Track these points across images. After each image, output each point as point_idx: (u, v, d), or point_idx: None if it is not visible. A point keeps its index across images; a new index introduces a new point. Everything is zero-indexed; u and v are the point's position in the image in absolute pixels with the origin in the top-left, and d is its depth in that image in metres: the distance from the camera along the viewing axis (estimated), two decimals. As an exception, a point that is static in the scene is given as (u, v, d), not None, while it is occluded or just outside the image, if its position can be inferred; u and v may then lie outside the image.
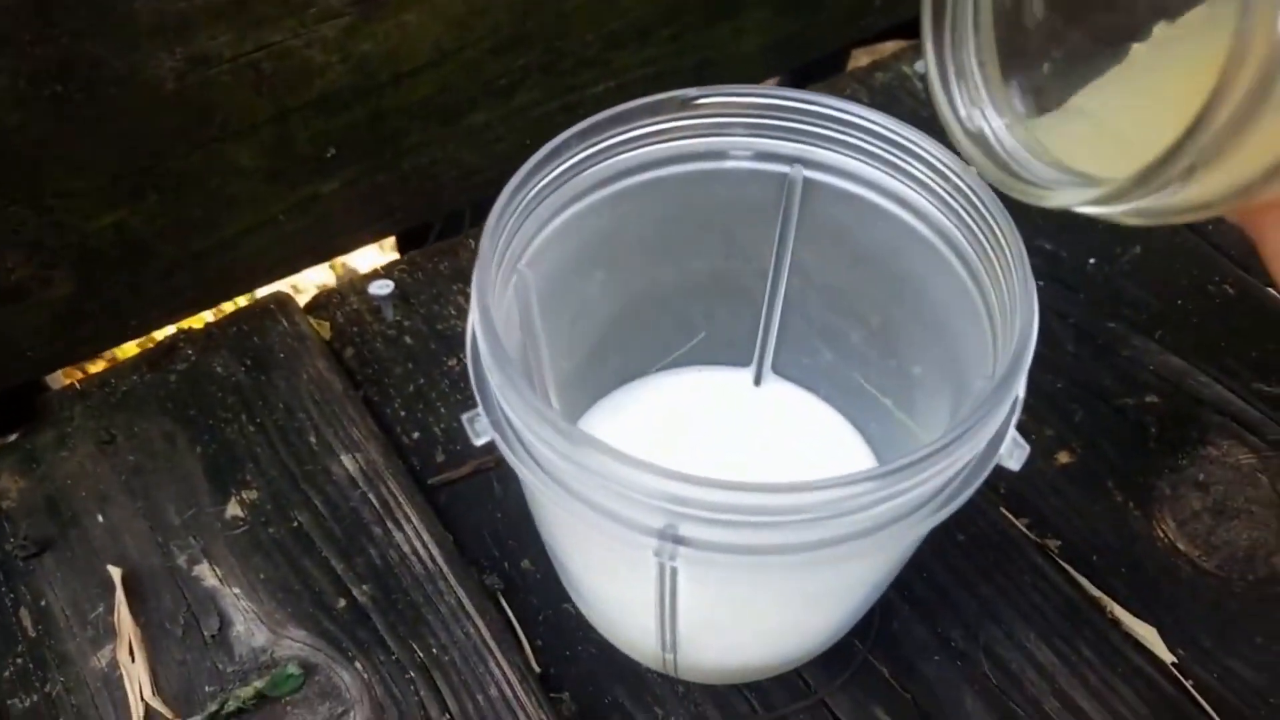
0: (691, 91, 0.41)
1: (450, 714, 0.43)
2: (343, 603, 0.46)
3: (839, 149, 0.42)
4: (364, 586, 0.46)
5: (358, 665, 0.44)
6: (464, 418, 0.34)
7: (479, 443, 0.34)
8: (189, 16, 0.45)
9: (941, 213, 0.40)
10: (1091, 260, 0.60)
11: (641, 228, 0.43)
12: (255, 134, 0.48)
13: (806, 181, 0.43)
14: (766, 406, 0.50)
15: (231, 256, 0.52)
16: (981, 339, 0.38)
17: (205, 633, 0.46)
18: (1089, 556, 0.49)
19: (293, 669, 0.44)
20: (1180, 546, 0.49)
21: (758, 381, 0.50)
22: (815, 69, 0.71)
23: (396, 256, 0.61)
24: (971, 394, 0.37)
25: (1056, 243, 0.60)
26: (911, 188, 0.40)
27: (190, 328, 0.55)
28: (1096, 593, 0.48)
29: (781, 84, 0.80)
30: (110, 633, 0.46)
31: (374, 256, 0.87)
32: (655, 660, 0.44)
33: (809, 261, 0.45)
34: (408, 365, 0.55)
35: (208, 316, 0.56)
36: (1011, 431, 0.34)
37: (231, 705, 0.43)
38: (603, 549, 0.38)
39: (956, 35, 0.36)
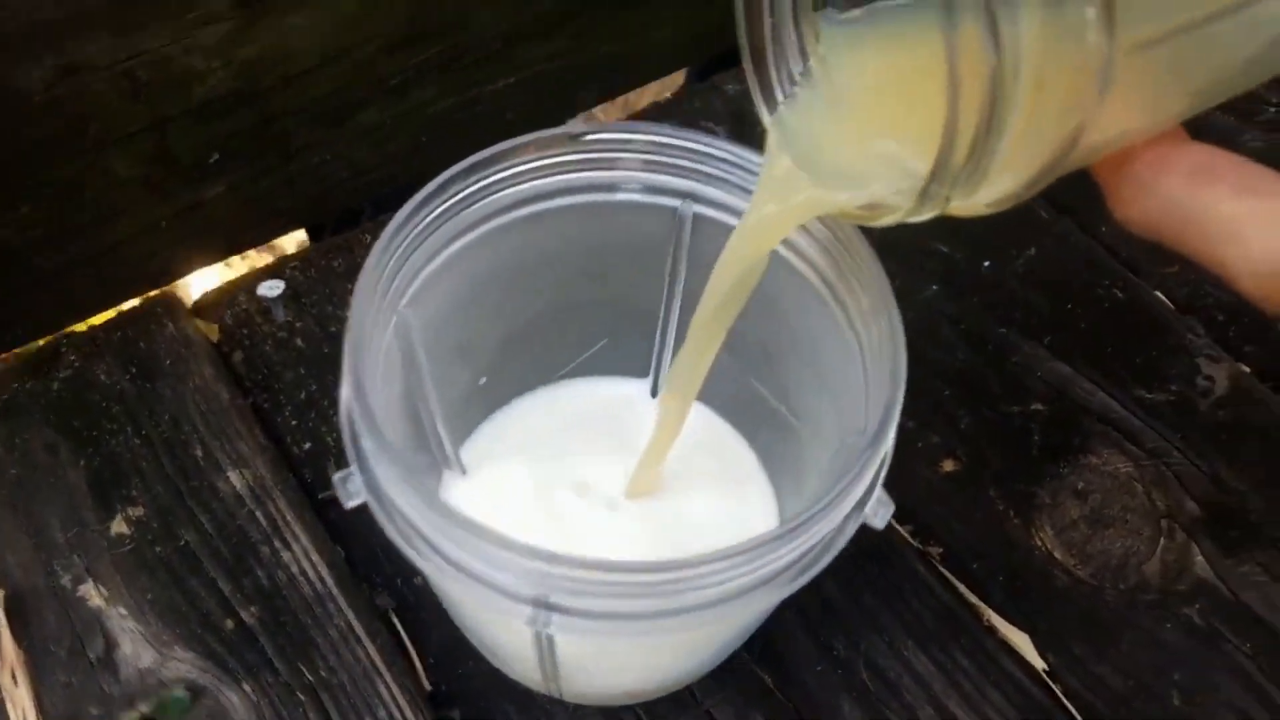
0: (579, 127, 0.40)
1: (339, 737, 0.44)
2: (230, 624, 0.46)
3: (726, 187, 0.42)
4: (252, 608, 0.46)
5: (246, 687, 0.44)
6: (336, 478, 0.34)
7: (350, 505, 0.33)
8: (59, 24, 0.43)
9: (817, 253, 0.40)
10: (986, 263, 0.60)
11: (531, 259, 0.43)
12: (132, 143, 0.46)
13: (696, 217, 0.42)
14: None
15: (113, 264, 0.51)
16: (857, 383, 0.39)
17: (91, 655, 0.45)
18: (969, 564, 0.50)
19: (179, 692, 0.44)
20: (1056, 555, 0.51)
21: (655, 393, 0.51)
22: (725, 60, 0.69)
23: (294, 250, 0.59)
24: (844, 447, 0.37)
25: (951, 245, 0.61)
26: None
27: (74, 331, 0.54)
28: (974, 599, 0.49)
29: (690, 76, 0.78)
30: (-6, 657, 0.45)
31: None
32: (541, 688, 0.44)
33: (699, 294, 0.45)
34: (299, 370, 0.54)
35: (93, 319, 0.54)
36: (878, 492, 0.35)
37: (117, 731, 0.43)
38: (481, 608, 0.38)
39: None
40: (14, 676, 0.44)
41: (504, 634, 0.40)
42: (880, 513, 0.35)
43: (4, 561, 0.47)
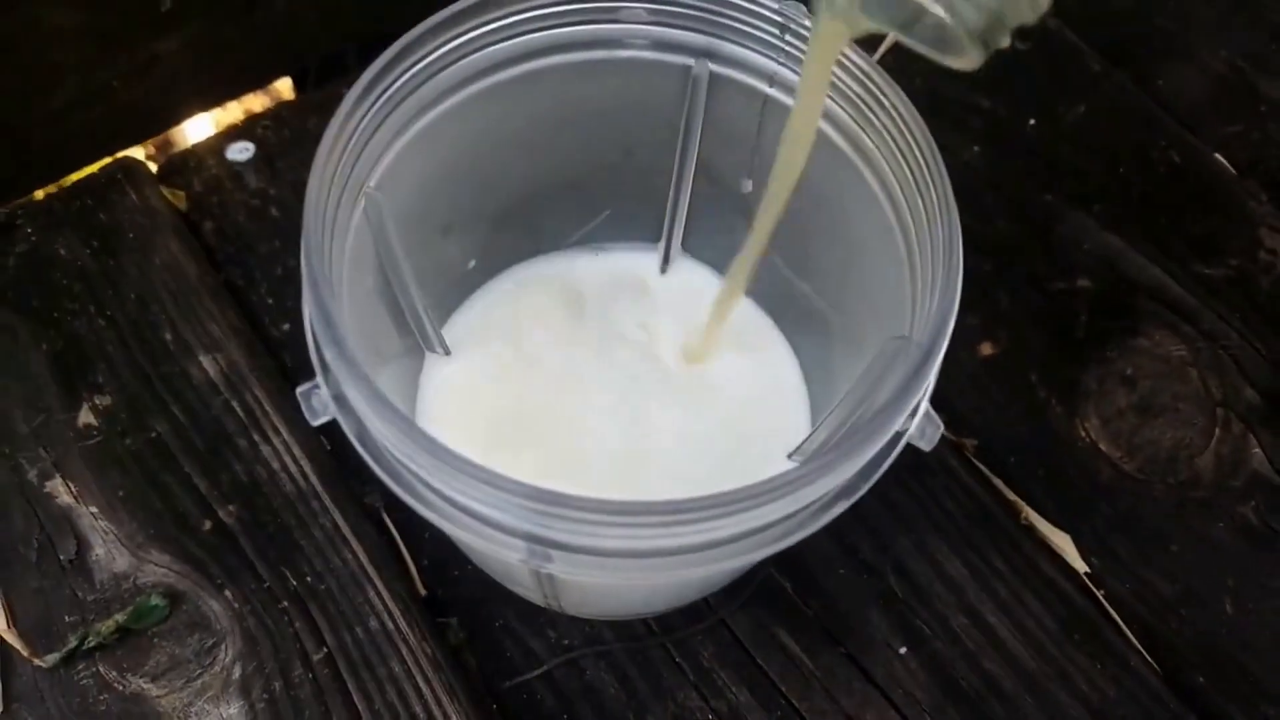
0: None
1: (328, 647, 0.39)
2: (209, 524, 0.41)
3: (747, 42, 0.35)
4: (230, 507, 0.41)
5: (227, 594, 0.40)
6: (299, 391, 0.28)
7: (316, 423, 0.28)
8: None
9: (861, 128, 0.33)
10: (1032, 121, 0.53)
11: (522, 127, 0.37)
12: (66, -16, 0.39)
13: (713, 76, 0.36)
14: (672, 294, 0.44)
15: (62, 131, 0.44)
16: (900, 282, 0.33)
17: (62, 557, 0.40)
18: (1006, 458, 0.45)
19: (156, 599, 0.39)
20: (1102, 447, 0.45)
21: (665, 266, 0.44)
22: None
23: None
24: (882, 353, 0.32)
25: (995, 99, 0.54)
26: (830, 96, 0.33)
27: (30, 201, 0.47)
28: (1012, 496, 0.44)
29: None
30: (-44, 560, 0.41)
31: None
32: (543, 603, 0.40)
33: (716, 165, 0.38)
34: (274, 242, 0.48)
35: (50, 188, 0.48)
36: (924, 407, 0.29)
37: (91, 641, 0.39)
38: (468, 540, 0.33)
39: None
40: (-21, 581, 0.40)
41: (496, 559, 0.35)
42: (928, 432, 0.30)
43: (-37, 456, 0.43)
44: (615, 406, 0.40)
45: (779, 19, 0.34)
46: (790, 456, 0.39)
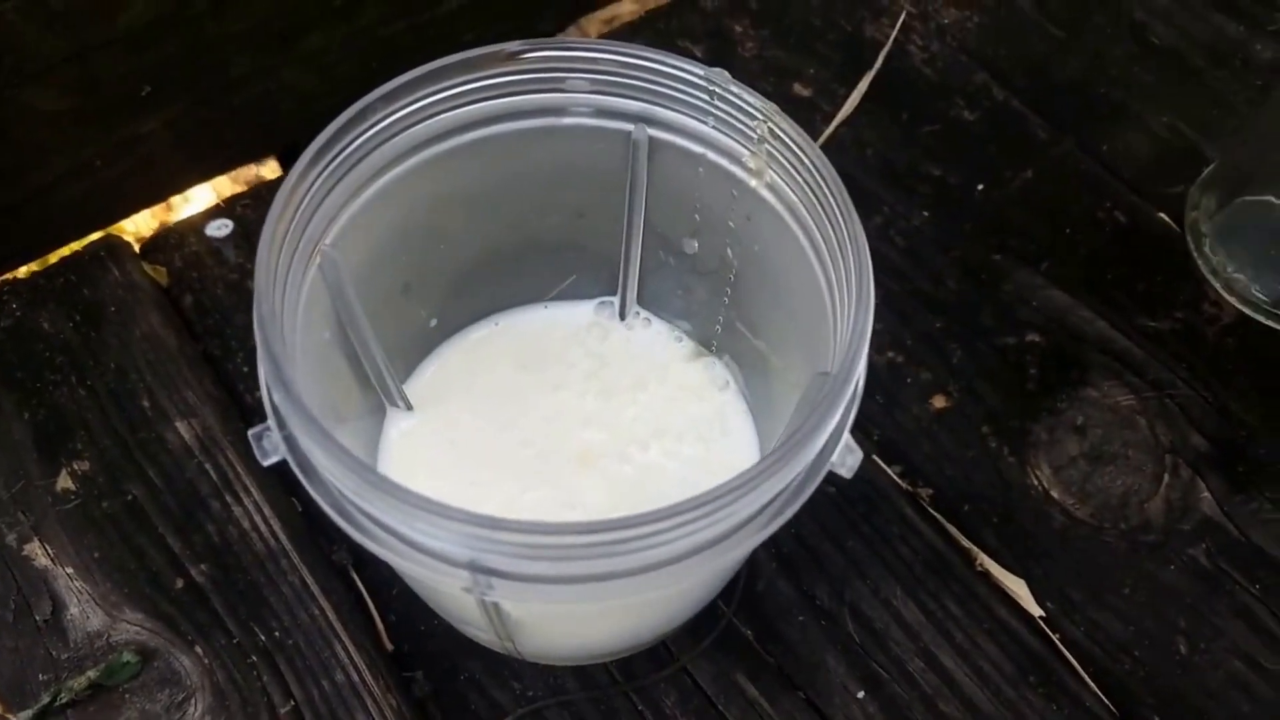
0: (515, 45, 0.36)
1: (295, 700, 0.41)
2: (181, 583, 0.43)
3: (682, 108, 0.38)
4: (202, 566, 0.43)
5: (198, 650, 0.42)
6: (251, 433, 0.31)
7: (267, 463, 0.30)
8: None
9: (785, 182, 0.36)
10: (980, 186, 0.56)
11: (474, 189, 0.40)
12: (53, 75, 0.43)
13: (652, 140, 0.39)
14: (629, 346, 0.46)
15: (49, 207, 0.47)
16: (823, 321, 0.35)
17: (38, 617, 0.42)
18: (960, 506, 0.47)
19: (128, 656, 0.41)
20: (1054, 494, 0.47)
21: (622, 316, 0.46)
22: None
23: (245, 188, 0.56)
24: (811, 386, 0.34)
25: (945, 167, 0.57)
26: (755, 153, 0.37)
27: (15, 278, 0.50)
28: (966, 544, 0.46)
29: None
30: (-66, 620, 0.43)
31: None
32: (500, 649, 0.42)
33: (662, 224, 0.41)
34: (250, 314, 0.50)
35: (34, 265, 0.51)
36: (845, 437, 0.31)
37: (64, 697, 0.40)
38: (416, 574, 0.35)
39: None
40: (-43, 642, 0.42)
41: (448, 597, 0.37)
42: (849, 461, 0.32)
43: (-54, 521, 0.45)
44: (579, 454, 0.42)
45: (708, 85, 0.37)
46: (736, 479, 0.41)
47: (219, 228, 0.51)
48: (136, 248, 0.53)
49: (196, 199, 0.57)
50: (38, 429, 0.47)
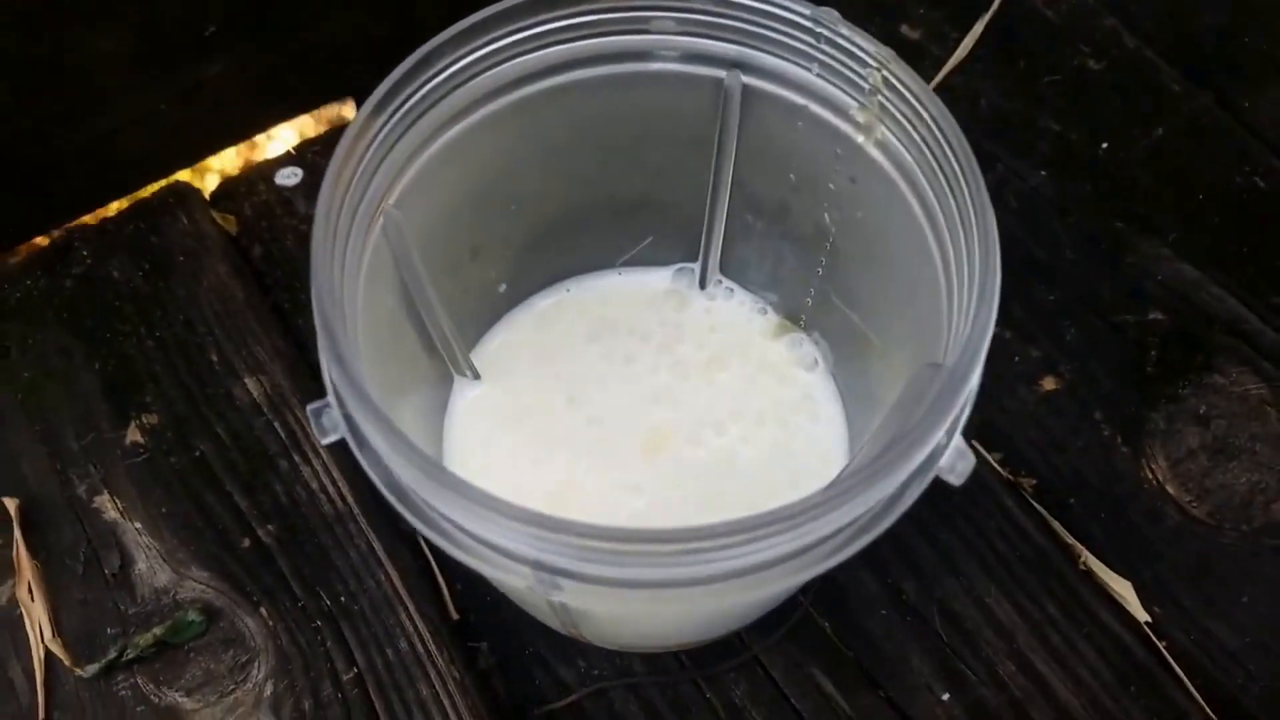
0: None
1: (358, 667, 0.42)
2: (247, 542, 0.44)
3: (782, 52, 0.36)
4: (269, 526, 0.45)
5: (263, 611, 0.43)
6: (309, 409, 0.31)
7: (326, 441, 0.31)
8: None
9: (904, 146, 0.35)
10: (1104, 145, 0.54)
11: (549, 142, 0.39)
12: (114, 12, 0.43)
13: (746, 89, 0.38)
14: (709, 318, 0.46)
15: (115, 153, 0.48)
16: (936, 306, 0.34)
17: (106, 570, 0.44)
18: (1066, 499, 0.46)
19: (194, 615, 0.43)
20: (1169, 489, 0.46)
21: (703, 287, 0.46)
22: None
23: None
24: (915, 379, 0.33)
25: (1066, 122, 0.55)
26: (866, 106, 0.35)
27: (86, 224, 0.52)
28: (1070, 540, 0.45)
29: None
30: (8, 569, 0.44)
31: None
32: (564, 631, 0.42)
33: (753, 183, 0.40)
34: (323, 267, 0.51)
35: (105, 211, 0.52)
36: (956, 440, 0.30)
37: (130, 653, 0.42)
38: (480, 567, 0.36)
39: None
40: (30, 591, 0.44)
41: (515, 587, 0.37)
42: (959, 466, 0.30)
43: (19, 470, 0.47)
44: (647, 435, 0.42)
45: (813, 26, 0.35)
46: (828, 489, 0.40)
47: (288, 176, 0.52)
48: (207, 194, 0.54)
49: (281, 137, 0.58)
50: (106, 380, 0.48)
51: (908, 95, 0.34)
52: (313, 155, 0.54)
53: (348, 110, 0.57)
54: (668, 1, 0.36)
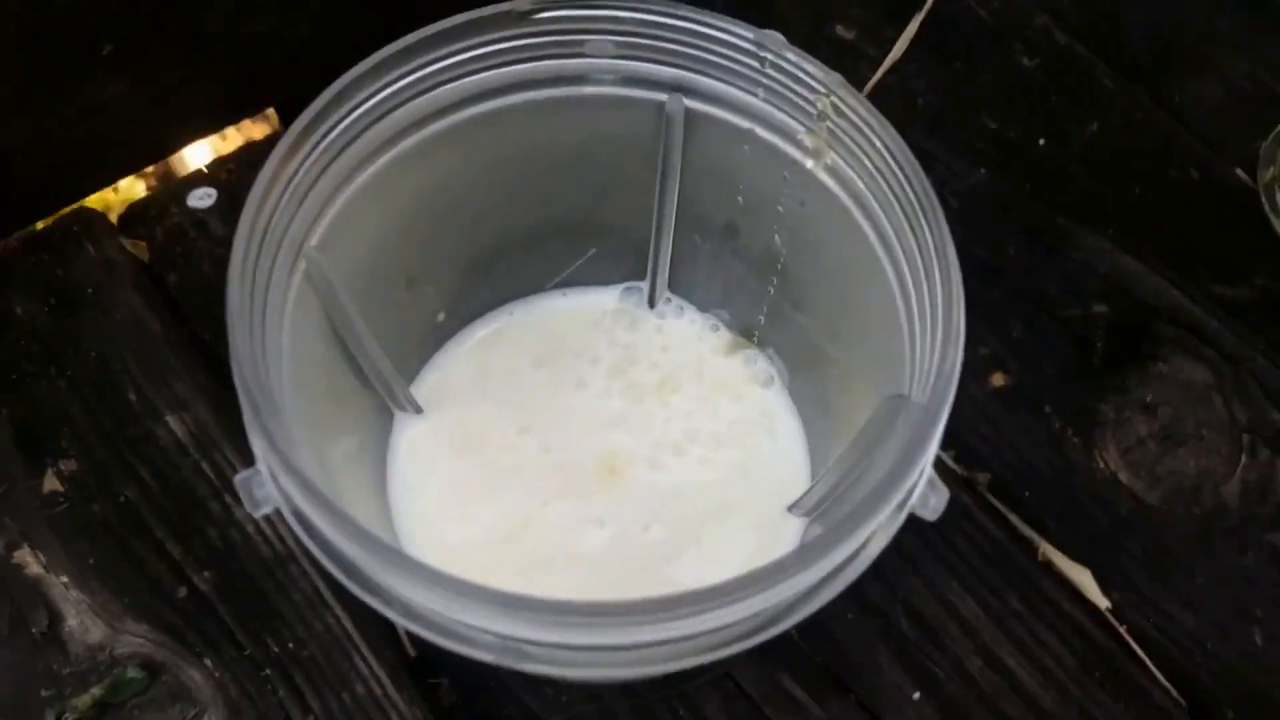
0: (526, 3, 0.38)
1: (314, 713, 0.44)
2: (184, 591, 0.46)
3: (726, 78, 0.40)
4: (205, 573, 0.46)
5: (207, 662, 0.45)
6: (237, 480, 0.33)
7: (258, 514, 0.32)
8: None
9: (850, 167, 0.38)
10: (1041, 141, 0.59)
11: (483, 170, 0.42)
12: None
13: (689, 113, 0.41)
14: (660, 337, 0.49)
15: (11, 183, 0.49)
16: (896, 334, 0.38)
17: (34, 630, 0.45)
18: (1020, 492, 0.51)
19: (134, 671, 0.44)
20: (1121, 478, 0.51)
21: (652, 304, 0.49)
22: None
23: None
24: (880, 411, 0.37)
25: (1003, 119, 0.60)
26: (815, 131, 0.39)
27: (-21, 259, 0.53)
28: (1028, 532, 0.50)
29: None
30: (-75, 636, 0.45)
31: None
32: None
33: (700, 204, 0.44)
34: (244, 295, 0.53)
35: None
36: (927, 473, 0.33)
37: (70, 717, 0.43)
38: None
39: None
40: (-51, 659, 0.45)
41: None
42: (932, 502, 0.33)
43: (-74, 526, 0.48)
44: (604, 462, 0.45)
45: (757, 51, 0.38)
46: (790, 510, 0.44)
47: (202, 198, 0.53)
48: (114, 219, 0.55)
49: (190, 156, 0.59)
50: (18, 426, 0.49)
51: (858, 123, 0.37)
52: (227, 173, 0.55)
53: (266, 124, 0.58)
54: (604, 24, 0.39)
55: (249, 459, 0.48)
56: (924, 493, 0.34)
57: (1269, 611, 0.48)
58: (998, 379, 0.53)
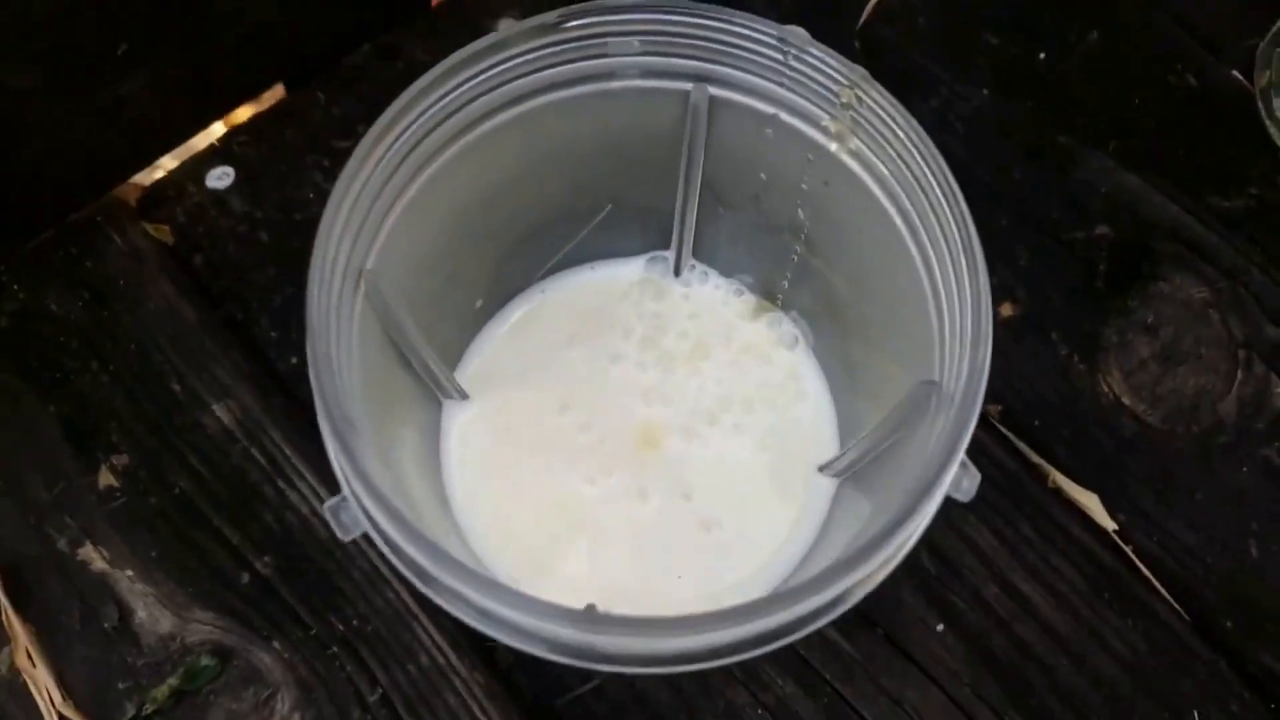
0: (553, 16, 0.36)
1: (382, 687, 0.45)
2: (247, 577, 0.46)
3: (749, 69, 0.38)
4: (266, 557, 0.46)
5: (275, 644, 0.45)
6: (326, 507, 0.33)
7: (348, 539, 0.33)
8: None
9: (876, 156, 0.37)
10: (1041, 55, 0.56)
11: (517, 168, 0.40)
12: (21, 48, 0.42)
13: (713, 101, 0.39)
14: (687, 303, 0.48)
15: (42, 186, 0.47)
16: (923, 304, 0.37)
17: (106, 624, 0.46)
18: (1030, 421, 0.50)
19: (206, 658, 0.45)
20: (1125, 401, 0.51)
21: (677, 272, 0.48)
22: None
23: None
24: (910, 402, 0.36)
25: (1004, 34, 0.57)
26: (838, 118, 0.37)
27: (12, 256, 0.50)
28: (1038, 460, 0.50)
29: None
30: (2, 637, 0.45)
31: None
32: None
33: (723, 188, 0.42)
34: (268, 270, 0.51)
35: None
36: (959, 457, 0.34)
37: (149, 708, 0.44)
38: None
39: None
40: (30, 656, 0.45)
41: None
42: (964, 485, 0.34)
43: (-10, 530, 0.48)
44: (642, 434, 0.45)
45: (781, 46, 0.37)
46: (821, 470, 0.44)
47: (220, 178, 0.51)
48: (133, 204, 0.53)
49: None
50: (66, 424, 0.48)
51: (882, 114, 0.36)
52: (239, 146, 0.53)
53: (276, 93, 0.55)
54: (630, 25, 0.37)
55: (296, 441, 0.49)
56: (957, 476, 0.34)
57: (1264, 525, 0.48)
58: (1006, 309, 0.52)
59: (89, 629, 0.46)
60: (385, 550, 0.33)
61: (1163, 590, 0.47)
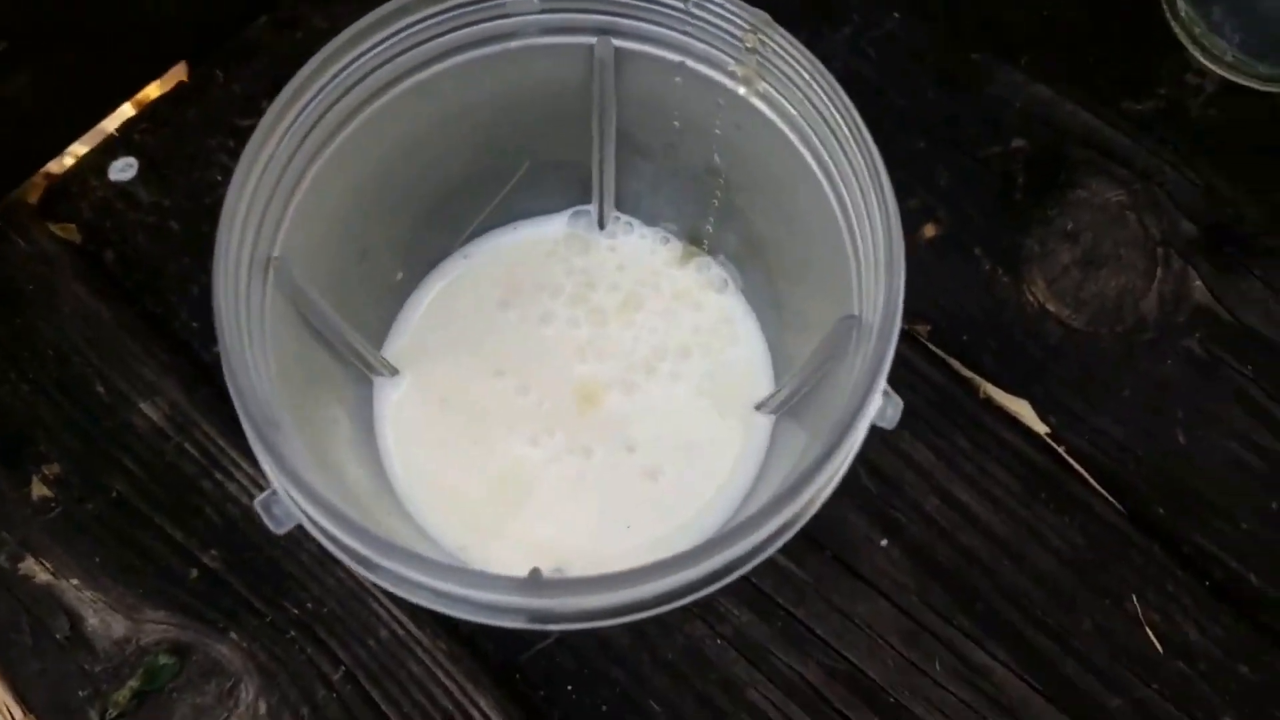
0: None
1: (345, 664, 0.43)
2: (195, 572, 0.44)
3: (652, 19, 0.35)
4: (212, 551, 0.44)
5: (232, 635, 0.43)
6: (256, 503, 0.31)
7: (281, 531, 0.31)
8: None
9: (782, 96, 0.35)
10: (949, -32, 0.53)
11: (422, 135, 0.38)
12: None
13: (619, 53, 0.36)
14: (613, 254, 0.45)
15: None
16: (839, 241, 0.35)
17: (58, 635, 0.43)
18: (958, 337, 0.49)
19: (164, 658, 0.42)
20: (1050, 308, 0.49)
21: (602, 225, 0.45)
22: None
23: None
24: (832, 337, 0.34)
25: (908, -45, 0.54)
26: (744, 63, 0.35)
27: (-90, 270, 0.47)
28: (968, 374, 0.48)
29: None
30: (-50, 660, 0.43)
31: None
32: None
33: (638, 131, 0.40)
34: (182, 260, 0.48)
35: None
36: (881, 386, 0.32)
37: (112, 712, 0.42)
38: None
39: None
40: (-17, 676, 0.43)
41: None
42: (889, 413, 0.32)
43: (-76, 553, 0.44)
44: (580, 392, 0.42)
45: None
46: (757, 408, 0.42)
47: (123, 169, 0.47)
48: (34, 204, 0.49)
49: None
50: (-10, 436, 0.45)
51: (786, 56, 0.33)
52: (140, 135, 0.49)
53: (177, 73, 0.51)
54: None
55: (228, 433, 0.46)
56: (881, 407, 0.33)
57: (1189, 413, 0.47)
58: (929, 230, 0.50)
59: (41, 642, 0.43)
60: (322, 540, 0.31)
61: (1096, 485, 0.46)
